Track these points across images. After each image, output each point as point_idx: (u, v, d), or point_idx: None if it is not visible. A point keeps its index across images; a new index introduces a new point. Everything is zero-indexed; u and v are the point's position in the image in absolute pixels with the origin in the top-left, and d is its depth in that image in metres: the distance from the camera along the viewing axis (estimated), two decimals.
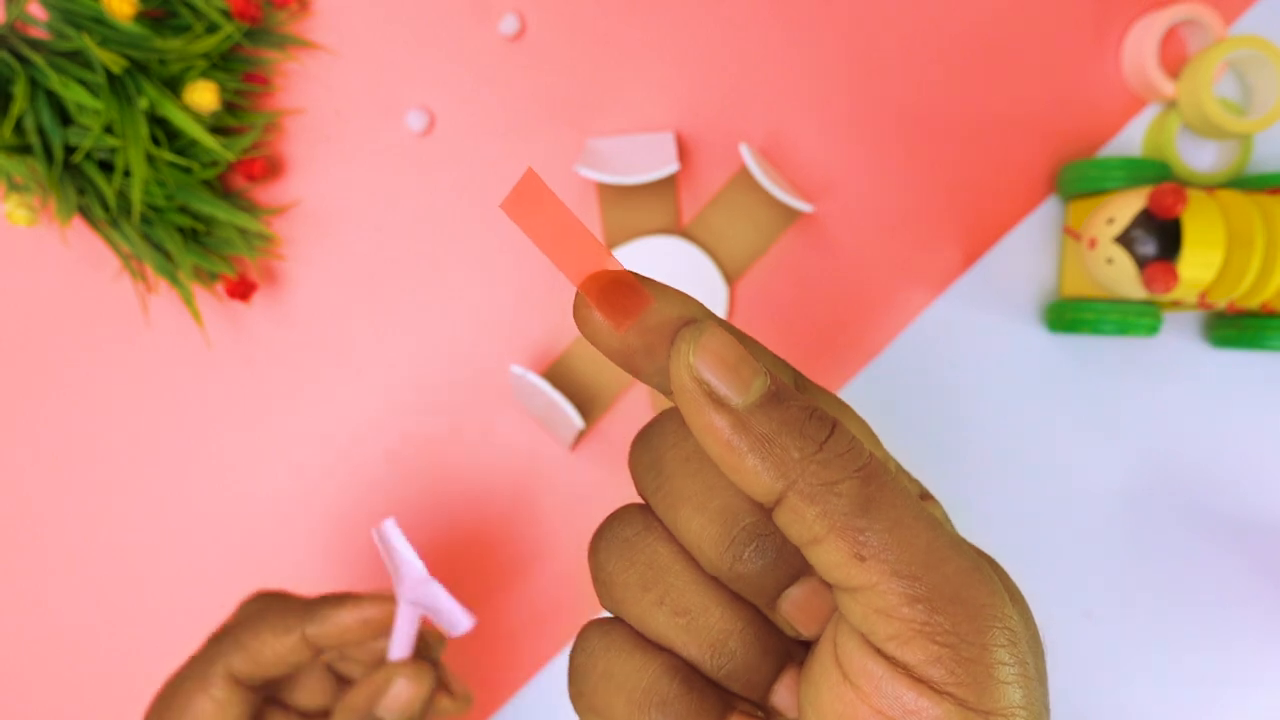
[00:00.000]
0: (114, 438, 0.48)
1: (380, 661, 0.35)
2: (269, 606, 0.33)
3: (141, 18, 0.43)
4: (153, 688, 0.34)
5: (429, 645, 0.36)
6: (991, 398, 0.49)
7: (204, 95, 0.44)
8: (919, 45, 0.48)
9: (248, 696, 0.32)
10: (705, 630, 0.20)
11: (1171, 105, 0.47)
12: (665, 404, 0.47)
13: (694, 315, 0.19)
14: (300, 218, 0.48)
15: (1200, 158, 0.49)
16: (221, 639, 0.33)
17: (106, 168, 0.44)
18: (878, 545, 0.18)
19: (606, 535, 0.21)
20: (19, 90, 0.42)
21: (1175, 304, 0.45)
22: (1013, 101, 0.48)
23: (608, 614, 0.21)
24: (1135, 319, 0.45)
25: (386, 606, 0.33)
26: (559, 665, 0.48)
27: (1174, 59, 0.48)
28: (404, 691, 0.32)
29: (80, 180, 0.44)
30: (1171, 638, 0.49)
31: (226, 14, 0.45)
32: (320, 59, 0.47)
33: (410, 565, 0.32)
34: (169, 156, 0.44)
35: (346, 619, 0.32)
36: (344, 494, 0.48)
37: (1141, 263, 0.42)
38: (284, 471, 0.48)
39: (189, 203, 0.45)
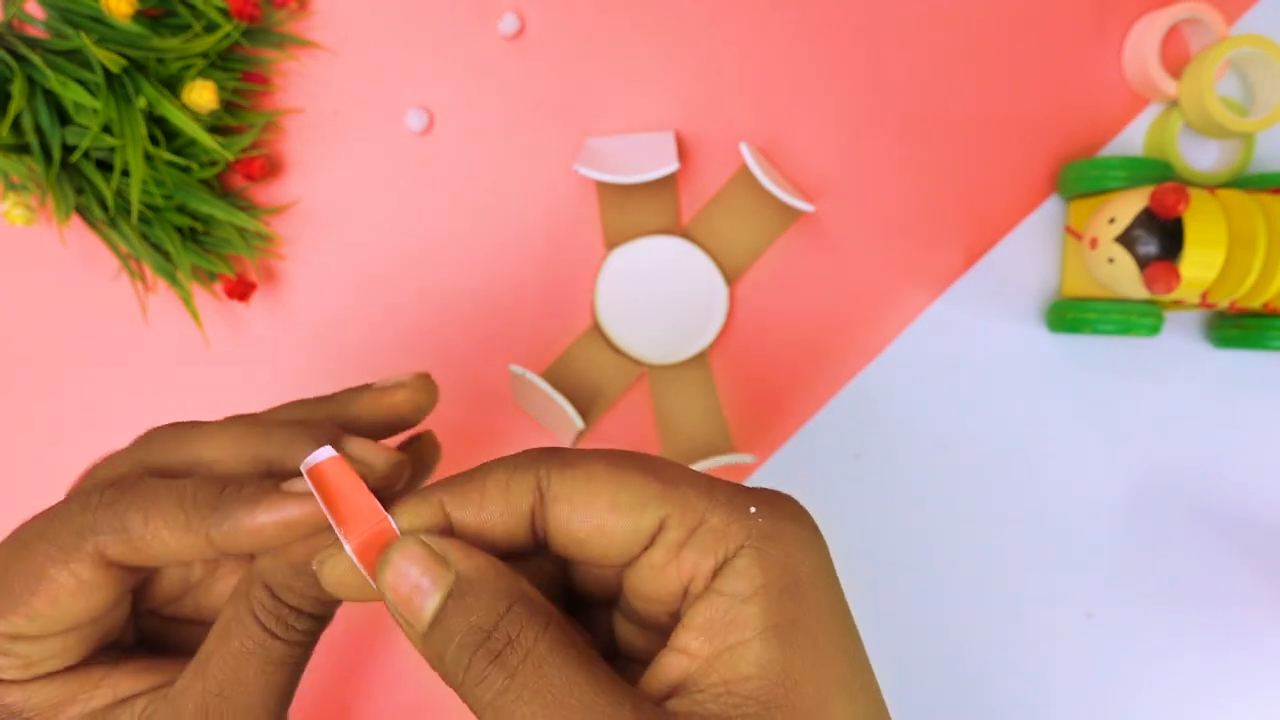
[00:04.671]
0: (112, 439, 0.48)
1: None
2: (165, 484, 0.25)
3: (140, 16, 0.43)
4: None
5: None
6: (992, 398, 0.49)
7: (202, 94, 0.43)
8: (920, 44, 0.48)
9: (121, 579, 0.25)
10: None
11: (1173, 104, 0.47)
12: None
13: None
14: (299, 217, 0.48)
15: (1202, 157, 0.48)
16: (98, 505, 0.25)
17: (105, 167, 0.44)
18: None
19: None
20: (16, 89, 0.42)
21: (1177, 304, 0.45)
22: (1013, 101, 0.48)
23: None
24: (1137, 319, 0.45)
25: (313, 504, 0.24)
26: None
27: (1175, 58, 0.48)
28: (332, 576, 0.23)
29: (78, 180, 0.44)
30: (1173, 639, 0.49)
31: (225, 13, 0.45)
32: (319, 58, 0.47)
33: None
34: (167, 156, 0.44)
35: (263, 522, 0.24)
36: None
37: (1143, 262, 0.42)
38: None
39: (187, 202, 0.45)
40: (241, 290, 0.46)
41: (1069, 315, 0.46)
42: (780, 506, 0.22)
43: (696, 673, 0.20)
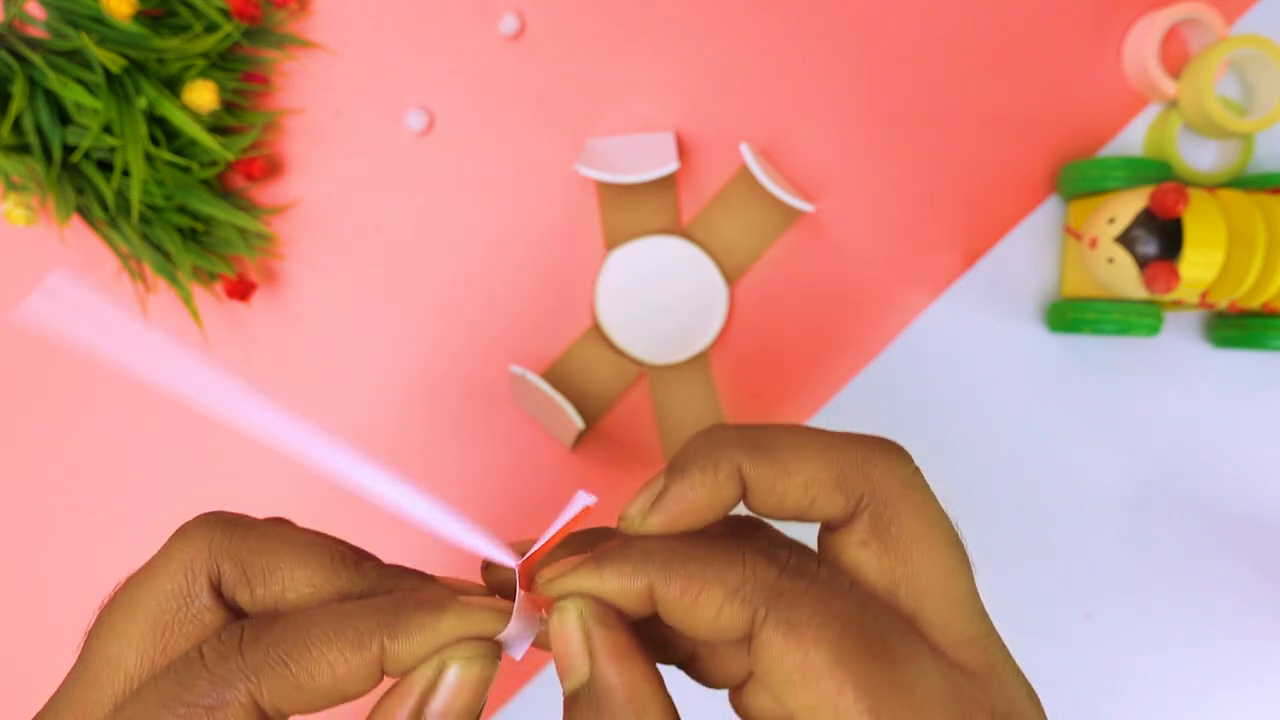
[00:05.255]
0: (113, 437, 0.48)
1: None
2: (321, 607, 0.21)
3: (140, 17, 0.43)
4: None
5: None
6: (992, 398, 0.49)
7: (203, 95, 0.44)
8: (920, 45, 0.48)
9: None
10: None
11: (1173, 105, 0.47)
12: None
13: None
14: (299, 217, 0.48)
15: (1201, 157, 0.48)
16: (245, 643, 0.20)
17: (105, 167, 0.44)
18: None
19: None
20: (17, 89, 0.42)
21: (1176, 304, 0.45)
22: (1013, 101, 0.48)
23: None
24: (1136, 319, 0.45)
25: (498, 611, 0.22)
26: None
27: (1175, 58, 0.48)
28: (460, 685, 0.20)
29: (79, 180, 0.44)
30: (1172, 638, 0.49)
31: (225, 13, 0.45)
32: (320, 58, 0.47)
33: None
34: (168, 156, 0.44)
35: (449, 630, 0.21)
36: (344, 494, 0.48)
37: (1142, 262, 0.42)
38: (284, 471, 0.48)
39: (188, 202, 0.45)
40: (242, 290, 0.46)
41: (1069, 315, 0.46)
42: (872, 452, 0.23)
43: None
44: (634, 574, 0.21)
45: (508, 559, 0.22)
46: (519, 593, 0.22)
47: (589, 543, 0.23)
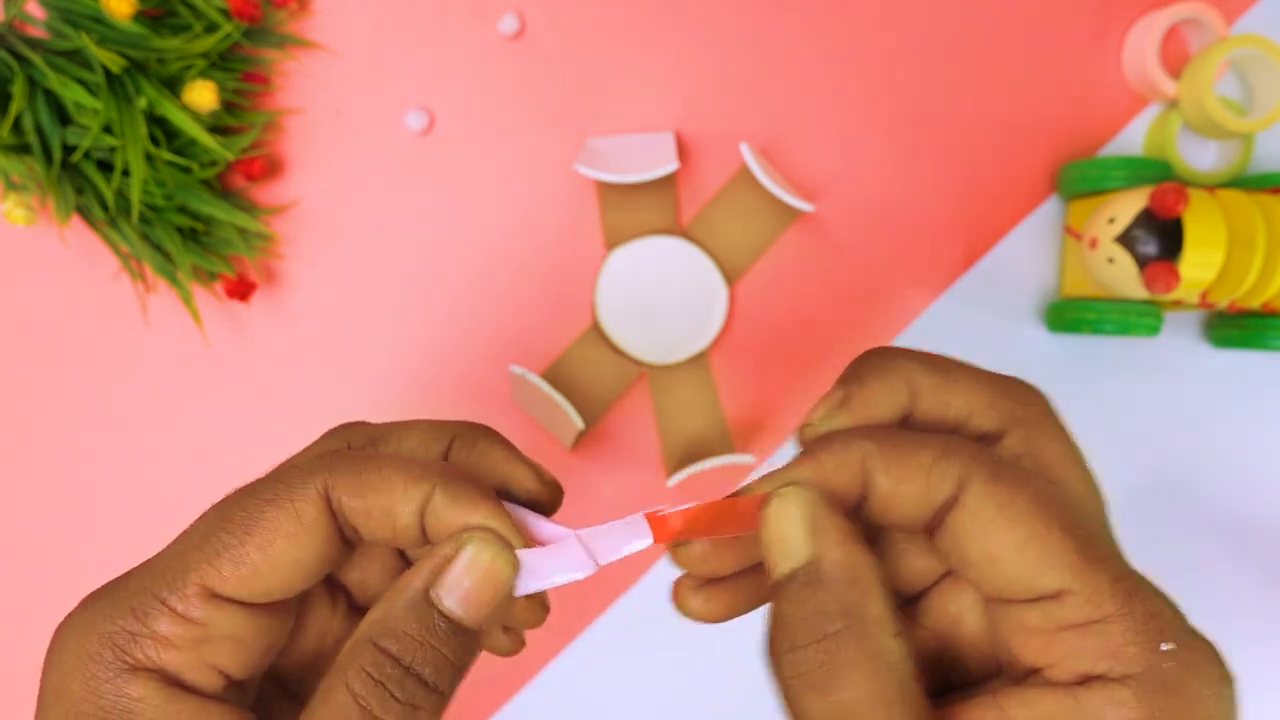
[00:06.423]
0: (113, 437, 0.48)
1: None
2: (407, 455, 0.25)
3: (140, 17, 0.43)
4: None
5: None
6: None
7: (203, 95, 0.44)
8: (920, 45, 0.48)
9: (332, 539, 0.23)
10: None
11: (1173, 105, 0.47)
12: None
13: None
14: (299, 217, 0.48)
15: (1201, 157, 0.48)
16: (334, 455, 0.24)
17: (105, 167, 0.44)
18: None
19: None
20: (17, 89, 0.42)
21: (1176, 304, 0.45)
22: (1013, 101, 0.48)
23: None
24: (1136, 319, 0.45)
25: (527, 535, 0.24)
26: (560, 665, 0.48)
27: (1175, 58, 0.48)
28: (472, 563, 0.22)
29: (79, 180, 0.44)
30: None
31: (225, 13, 0.45)
32: (320, 58, 0.47)
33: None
34: (168, 156, 0.44)
35: (484, 514, 0.23)
36: None
37: (1142, 262, 0.42)
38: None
39: (188, 202, 0.45)
40: (242, 290, 0.46)
41: (1068, 315, 0.46)
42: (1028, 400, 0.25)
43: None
44: (847, 451, 0.22)
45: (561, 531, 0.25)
46: (574, 543, 0.24)
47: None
